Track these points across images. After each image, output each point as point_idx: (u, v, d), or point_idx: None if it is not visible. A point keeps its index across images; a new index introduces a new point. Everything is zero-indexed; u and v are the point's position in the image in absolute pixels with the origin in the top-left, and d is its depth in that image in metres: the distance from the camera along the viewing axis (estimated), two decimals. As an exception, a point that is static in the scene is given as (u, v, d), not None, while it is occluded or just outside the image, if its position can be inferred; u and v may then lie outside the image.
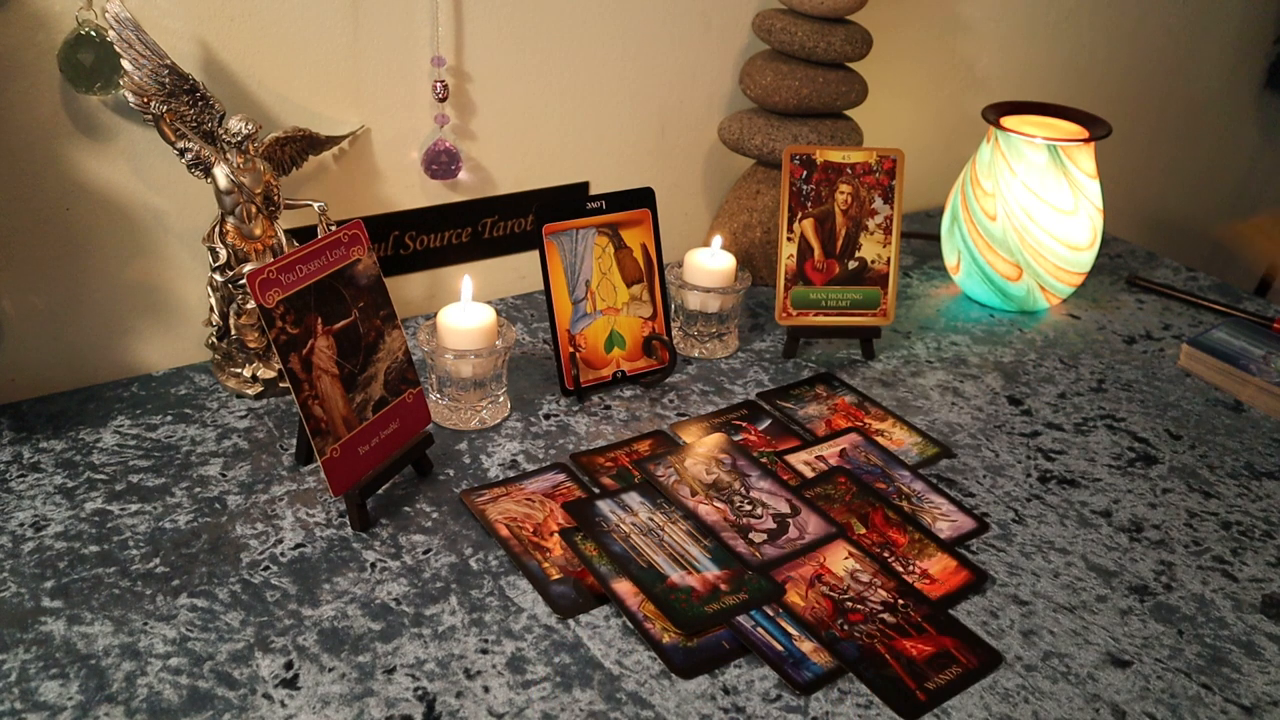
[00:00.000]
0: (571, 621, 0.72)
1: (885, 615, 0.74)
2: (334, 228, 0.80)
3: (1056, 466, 0.93)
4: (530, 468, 0.87)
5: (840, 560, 0.79)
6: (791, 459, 0.90)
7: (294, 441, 0.87)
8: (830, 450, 0.92)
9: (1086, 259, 1.15)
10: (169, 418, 0.91)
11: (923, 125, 1.43)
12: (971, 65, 1.44)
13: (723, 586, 0.75)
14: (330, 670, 0.67)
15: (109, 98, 0.86)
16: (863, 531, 0.82)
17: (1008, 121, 1.16)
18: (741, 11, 1.17)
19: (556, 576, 0.76)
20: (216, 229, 0.89)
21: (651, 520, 0.81)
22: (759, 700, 0.67)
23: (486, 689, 0.67)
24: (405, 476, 0.85)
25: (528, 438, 0.91)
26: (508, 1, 1.01)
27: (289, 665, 0.67)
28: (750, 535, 0.80)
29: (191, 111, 0.85)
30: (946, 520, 0.85)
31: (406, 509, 0.82)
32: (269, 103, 0.93)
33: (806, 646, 0.71)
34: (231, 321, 0.92)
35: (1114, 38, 1.58)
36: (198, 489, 0.82)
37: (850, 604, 0.75)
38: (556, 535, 0.79)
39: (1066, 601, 0.77)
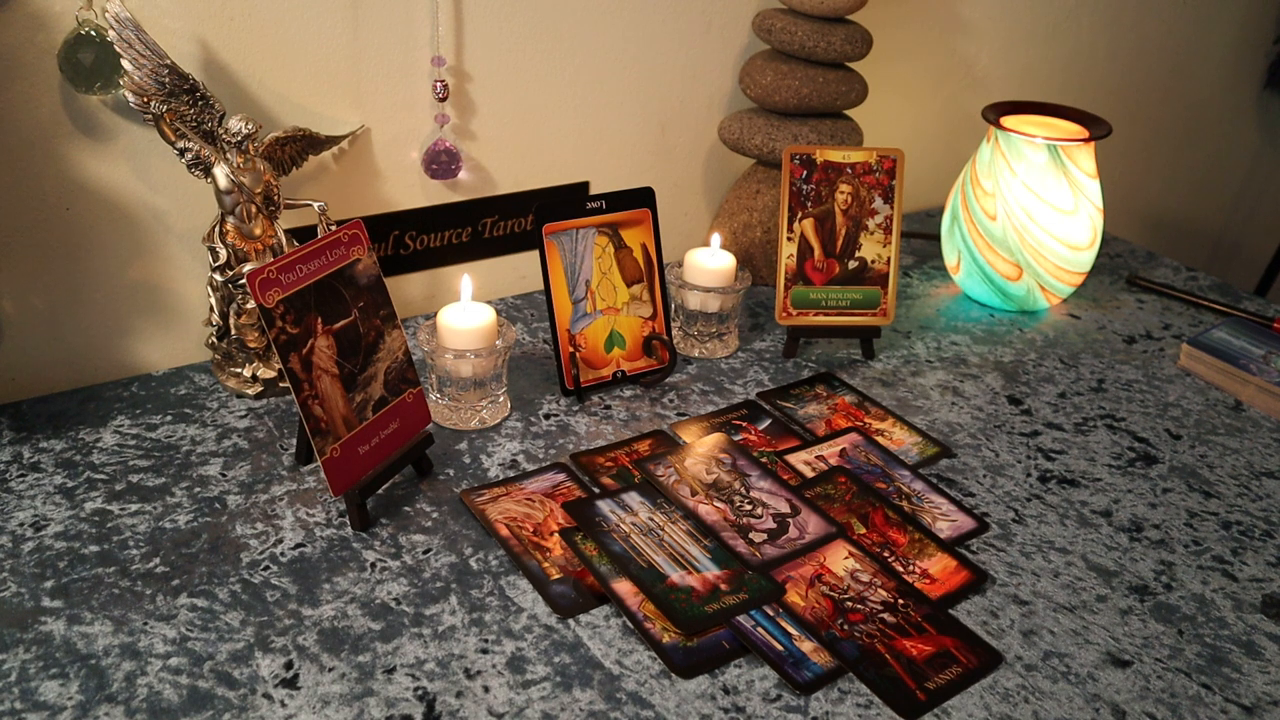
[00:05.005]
0: (571, 621, 0.72)
1: (885, 615, 0.74)
2: (334, 227, 0.80)
3: (1056, 466, 0.93)
4: (530, 468, 0.87)
5: (840, 560, 0.79)
6: (791, 459, 0.90)
7: (294, 441, 0.87)
8: (830, 450, 0.92)
9: (1086, 259, 1.15)
10: (169, 418, 0.91)
11: (923, 125, 1.43)
12: (971, 65, 1.44)
13: (723, 586, 0.75)
14: (330, 670, 0.67)
15: (109, 98, 0.86)
16: (863, 531, 0.82)
17: (1008, 121, 1.16)
18: (741, 11, 1.17)
19: (556, 576, 0.76)
20: (216, 229, 0.89)
21: (651, 520, 0.81)
22: (759, 700, 0.67)
23: (486, 689, 0.67)
24: (405, 476, 0.85)
25: (528, 438, 0.91)
26: (508, 1, 1.01)
27: (289, 665, 0.67)
28: (750, 535, 0.80)
29: (191, 111, 0.85)
30: (946, 520, 0.85)
31: (406, 509, 0.82)
32: (269, 103, 0.93)
33: (806, 646, 0.71)
34: (231, 321, 0.92)
35: (1114, 38, 1.58)
36: (198, 489, 0.82)
37: (850, 604, 0.75)
38: (556, 535, 0.79)
39: (1066, 601, 0.77)
